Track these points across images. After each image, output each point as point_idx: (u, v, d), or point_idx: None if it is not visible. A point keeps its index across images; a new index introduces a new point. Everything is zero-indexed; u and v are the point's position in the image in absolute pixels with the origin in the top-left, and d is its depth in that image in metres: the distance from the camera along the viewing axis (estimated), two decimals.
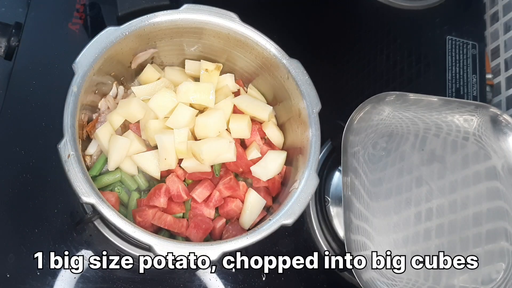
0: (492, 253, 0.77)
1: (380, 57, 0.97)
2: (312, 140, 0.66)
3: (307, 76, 0.69)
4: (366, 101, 0.79)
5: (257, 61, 0.72)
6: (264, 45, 0.69)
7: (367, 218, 0.75)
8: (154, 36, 0.68)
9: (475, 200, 0.79)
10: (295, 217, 0.61)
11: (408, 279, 0.73)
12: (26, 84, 0.77)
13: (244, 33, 0.69)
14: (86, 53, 0.61)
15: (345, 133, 0.76)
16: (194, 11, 0.67)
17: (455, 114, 0.85)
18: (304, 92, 0.68)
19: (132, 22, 0.64)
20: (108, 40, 0.62)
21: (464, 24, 1.04)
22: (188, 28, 0.68)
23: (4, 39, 0.77)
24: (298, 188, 0.63)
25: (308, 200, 0.63)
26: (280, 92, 0.72)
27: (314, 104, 0.67)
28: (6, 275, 0.67)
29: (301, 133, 0.69)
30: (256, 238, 0.59)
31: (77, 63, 0.60)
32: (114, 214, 0.55)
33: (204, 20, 0.68)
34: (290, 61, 0.69)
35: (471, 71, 1.00)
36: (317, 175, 0.64)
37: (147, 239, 0.55)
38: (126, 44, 0.65)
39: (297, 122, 0.70)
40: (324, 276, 0.78)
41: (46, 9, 0.83)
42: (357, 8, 1.01)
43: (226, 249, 0.57)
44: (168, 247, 0.55)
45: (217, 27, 0.68)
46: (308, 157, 0.65)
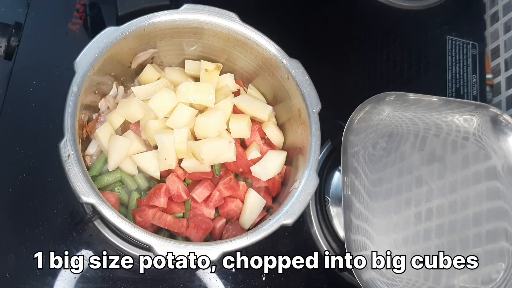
0: (492, 253, 0.77)
1: (380, 57, 0.97)
2: (312, 140, 0.66)
3: (307, 76, 0.69)
4: (366, 101, 0.79)
5: (257, 61, 0.72)
6: (264, 45, 0.69)
7: (367, 218, 0.75)
8: (154, 36, 0.68)
9: (475, 200, 0.79)
10: (295, 217, 0.61)
11: (408, 279, 0.73)
12: (26, 84, 0.77)
13: (244, 33, 0.69)
14: (86, 53, 0.61)
15: (345, 133, 0.76)
16: (194, 11, 0.67)
17: (455, 114, 0.85)
18: (304, 92, 0.68)
19: (132, 22, 0.64)
20: (108, 40, 0.62)
21: (464, 24, 1.04)
22: (188, 28, 0.68)
23: (4, 39, 0.77)
24: (298, 188, 0.63)
25: (308, 200, 0.63)
26: (280, 92, 0.72)
27: (314, 104, 0.67)
28: (6, 275, 0.67)
29: (301, 133, 0.69)
30: (256, 238, 0.59)
31: (77, 63, 0.60)
32: (114, 214, 0.55)
33: (204, 20, 0.68)
34: (290, 61, 0.69)
35: (471, 71, 1.00)
36: (317, 175, 0.64)
37: (147, 239, 0.55)
38: (126, 44, 0.65)
39: (297, 122, 0.70)
40: (324, 276, 0.79)
41: (46, 9, 0.83)
42: (357, 8, 1.01)
43: (226, 249, 0.57)
44: (168, 247, 0.55)
45: (217, 27, 0.68)
46: (308, 157, 0.65)
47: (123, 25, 0.64)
